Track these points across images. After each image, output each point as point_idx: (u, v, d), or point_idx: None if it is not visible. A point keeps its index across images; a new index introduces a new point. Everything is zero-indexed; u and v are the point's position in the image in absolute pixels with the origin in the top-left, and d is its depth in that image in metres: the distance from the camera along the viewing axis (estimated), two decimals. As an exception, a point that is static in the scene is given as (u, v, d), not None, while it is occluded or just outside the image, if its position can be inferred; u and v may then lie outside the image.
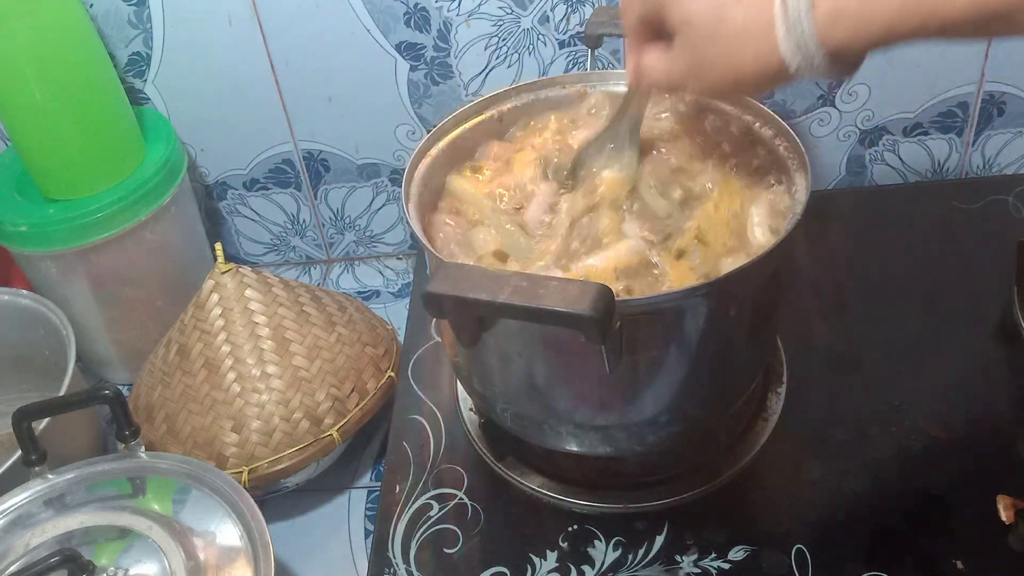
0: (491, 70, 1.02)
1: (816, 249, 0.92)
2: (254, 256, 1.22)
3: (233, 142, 1.10)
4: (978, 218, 0.94)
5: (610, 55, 1.01)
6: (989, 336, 0.82)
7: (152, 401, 0.90)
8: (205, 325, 0.88)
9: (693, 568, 0.66)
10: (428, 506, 0.73)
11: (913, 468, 0.71)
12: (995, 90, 1.02)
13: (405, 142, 1.09)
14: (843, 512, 0.69)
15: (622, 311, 0.55)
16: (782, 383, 0.78)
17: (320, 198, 1.15)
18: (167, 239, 1.03)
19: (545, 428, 0.67)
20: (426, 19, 0.98)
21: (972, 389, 0.78)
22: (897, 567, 0.65)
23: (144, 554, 0.70)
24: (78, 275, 1.00)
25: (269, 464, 0.85)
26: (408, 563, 0.69)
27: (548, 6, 0.97)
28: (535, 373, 0.64)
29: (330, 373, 0.88)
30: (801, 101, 1.03)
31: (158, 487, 0.76)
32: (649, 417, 0.65)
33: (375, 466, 0.96)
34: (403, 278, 1.19)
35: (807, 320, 0.85)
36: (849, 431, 0.74)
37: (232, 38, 1.01)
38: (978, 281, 0.86)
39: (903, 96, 1.03)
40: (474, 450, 0.77)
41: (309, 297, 0.93)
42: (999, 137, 1.06)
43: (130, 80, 1.05)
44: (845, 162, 1.09)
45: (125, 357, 1.08)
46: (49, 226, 0.95)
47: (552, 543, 0.69)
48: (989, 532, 0.66)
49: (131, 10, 1.00)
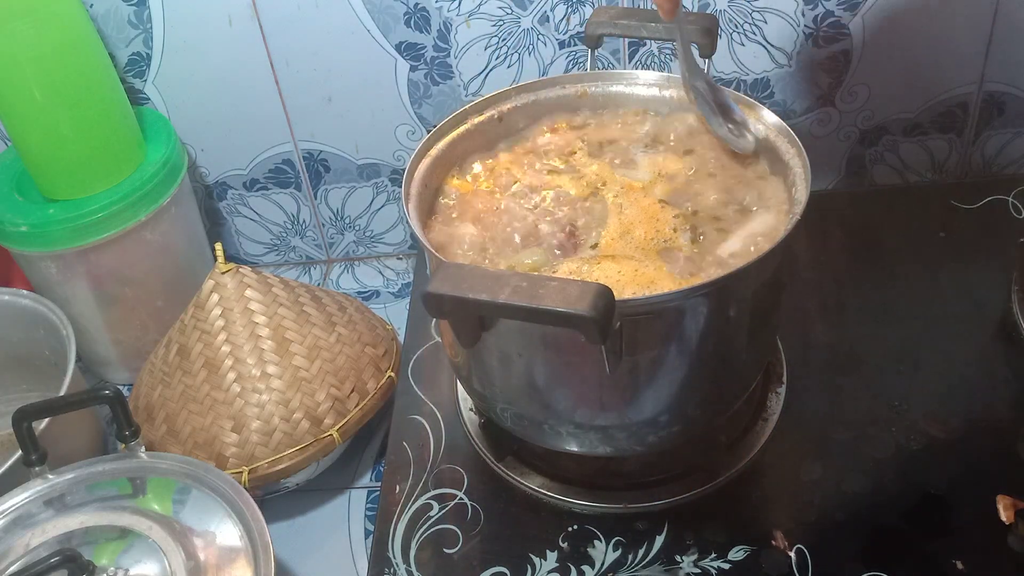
0: (491, 70, 1.02)
1: (816, 249, 0.92)
2: (254, 256, 1.22)
3: (233, 142, 1.10)
4: (978, 218, 0.94)
5: (610, 55, 1.01)
6: (989, 336, 0.82)
7: (152, 401, 0.90)
8: (205, 325, 0.88)
9: (693, 568, 0.66)
10: (428, 506, 0.73)
11: (913, 468, 0.71)
12: (995, 90, 1.02)
13: (405, 142, 1.09)
14: (843, 512, 0.69)
15: (622, 311, 0.55)
16: (782, 383, 0.78)
17: (320, 198, 1.15)
18: (167, 239, 1.03)
19: (545, 428, 0.67)
20: (426, 19, 0.98)
21: (972, 389, 0.78)
22: (897, 567, 0.65)
23: (144, 554, 0.70)
24: (78, 275, 1.00)
25: (269, 464, 0.85)
26: (408, 563, 0.69)
27: (548, 6, 0.97)
28: (535, 373, 0.64)
29: (330, 373, 0.88)
30: (801, 101, 1.03)
31: (158, 487, 0.76)
32: (649, 417, 0.65)
33: (375, 466, 0.96)
34: (403, 278, 1.19)
35: (807, 320, 0.85)
36: (849, 431, 0.74)
37: (232, 38, 1.01)
38: (978, 281, 0.86)
39: (903, 96, 1.03)
40: (474, 450, 0.77)
41: (309, 297, 0.93)
42: (999, 137, 1.06)
43: (130, 80, 1.05)
44: (845, 162, 1.09)
45: (125, 357, 1.08)
46: (49, 226, 0.95)
47: (552, 543, 0.69)
48: (989, 532, 0.66)
49: (131, 10, 1.00)
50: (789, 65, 1.00)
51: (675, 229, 0.67)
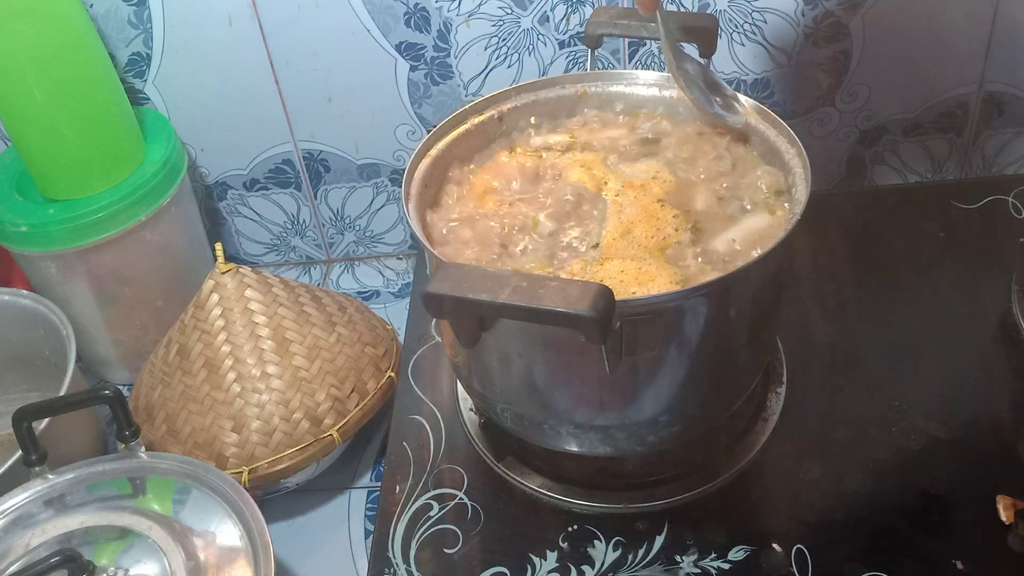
0: (491, 70, 1.02)
1: (816, 249, 0.92)
2: (254, 256, 1.22)
3: (233, 142, 1.10)
4: (978, 218, 0.94)
5: (610, 55, 1.01)
6: (989, 336, 0.82)
7: (152, 401, 0.90)
8: (205, 325, 0.88)
9: (693, 568, 0.66)
10: (428, 506, 0.73)
11: (913, 468, 0.71)
12: (995, 90, 1.02)
13: (405, 142, 1.09)
14: (843, 512, 0.69)
15: (622, 311, 0.55)
16: (782, 383, 0.78)
17: (320, 198, 1.15)
18: (167, 239, 1.03)
19: (545, 428, 0.67)
20: (426, 19, 0.98)
21: (972, 389, 0.78)
22: (897, 567, 0.65)
23: (144, 554, 0.70)
24: (78, 275, 1.00)
25: (269, 464, 0.85)
26: (408, 563, 0.69)
27: (548, 6, 0.97)
28: (535, 373, 0.64)
29: (330, 373, 0.88)
30: (801, 101, 1.03)
31: (158, 487, 0.76)
32: (649, 417, 0.65)
33: (375, 466, 0.96)
34: (403, 278, 1.19)
35: (807, 320, 0.85)
36: (849, 431, 0.74)
37: (232, 38, 1.01)
38: (978, 281, 0.86)
39: (903, 96, 1.03)
40: (474, 450, 0.77)
41: (309, 297, 0.93)
42: (999, 137, 1.06)
43: (130, 80, 1.05)
44: (845, 162, 1.09)
45: (125, 357, 1.08)
46: (49, 226, 0.95)
47: (552, 543, 0.69)
48: (989, 532, 0.66)
49: (131, 10, 1.00)
50: (789, 65, 1.00)
51: (676, 228, 0.67)
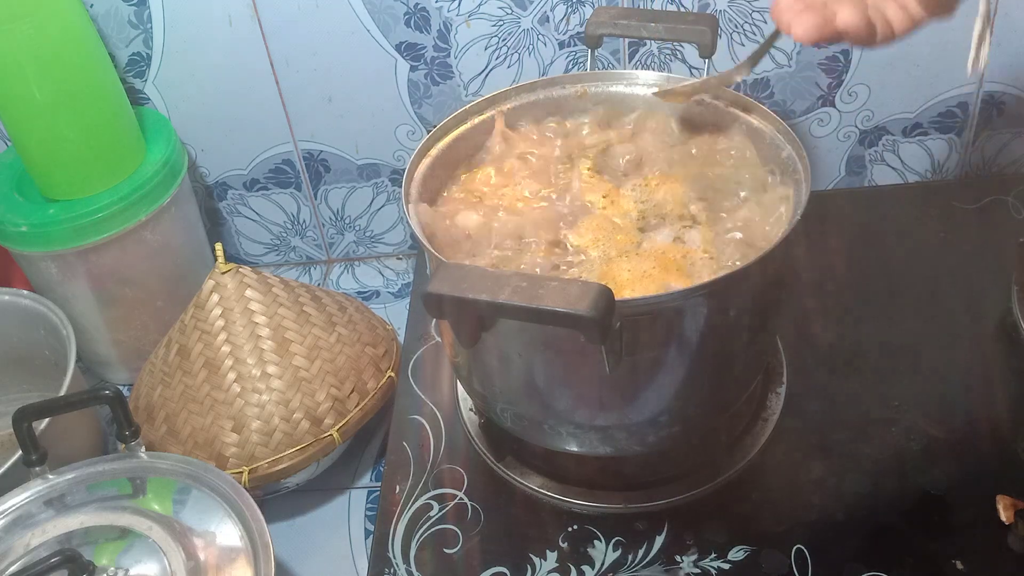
0: (491, 70, 1.02)
1: (816, 249, 0.92)
2: (254, 256, 1.22)
3: (233, 142, 1.10)
4: (978, 218, 0.94)
5: (610, 55, 1.01)
6: (989, 336, 0.82)
7: (152, 401, 0.90)
8: (205, 325, 0.88)
9: (693, 568, 0.66)
10: (428, 506, 0.73)
11: (913, 468, 0.71)
12: (995, 90, 1.02)
13: (405, 142, 1.09)
14: (843, 512, 0.69)
15: (622, 311, 0.55)
16: (782, 383, 0.78)
17: (320, 198, 1.15)
18: (167, 239, 1.03)
19: (545, 428, 0.67)
20: (426, 19, 0.98)
21: (972, 389, 0.78)
22: (897, 567, 0.65)
23: (144, 554, 0.70)
24: (78, 275, 1.00)
25: (269, 464, 0.85)
26: (408, 563, 0.69)
27: (548, 6, 0.97)
28: (535, 373, 0.64)
29: (330, 373, 0.88)
30: (801, 101, 1.03)
31: (158, 487, 0.76)
32: (649, 417, 0.65)
33: (375, 466, 0.96)
34: (403, 278, 1.19)
35: (807, 320, 0.85)
36: (849, 431, 0.74)
37: (232, 38, 1.01)
38: (978, 281, 0.86)
39: (903, 96, 1.03)
40: (474, 450, 0.77)
41: (309, 297, 0.93)
42: (999, 137, 1.06)
43: (130, 80, 1.05)
44: (845, 162, 1.09)
45: (125, 357, 1.08)
46: (49, 226, 0.95)
47: (552, 543, 0.69)
48: (989, 532, 0.66)
49: (131, 10, 1.00)
50: (789, 65, 1.00)
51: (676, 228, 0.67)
